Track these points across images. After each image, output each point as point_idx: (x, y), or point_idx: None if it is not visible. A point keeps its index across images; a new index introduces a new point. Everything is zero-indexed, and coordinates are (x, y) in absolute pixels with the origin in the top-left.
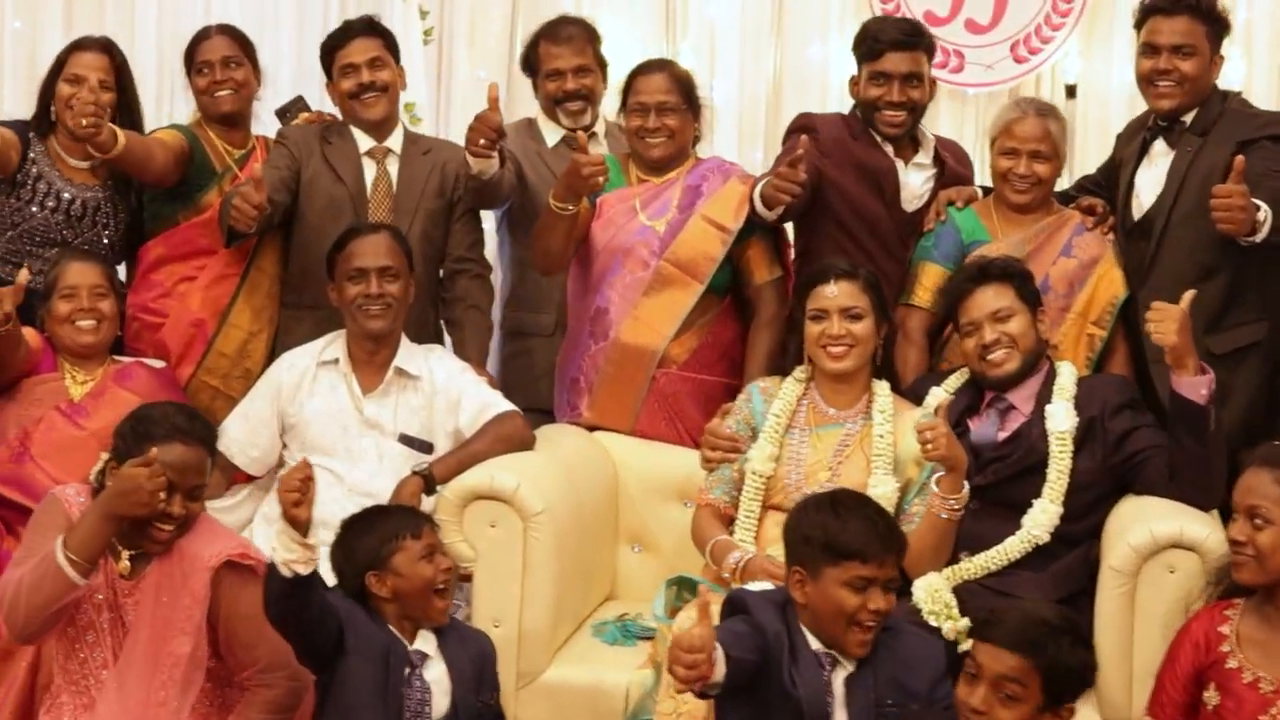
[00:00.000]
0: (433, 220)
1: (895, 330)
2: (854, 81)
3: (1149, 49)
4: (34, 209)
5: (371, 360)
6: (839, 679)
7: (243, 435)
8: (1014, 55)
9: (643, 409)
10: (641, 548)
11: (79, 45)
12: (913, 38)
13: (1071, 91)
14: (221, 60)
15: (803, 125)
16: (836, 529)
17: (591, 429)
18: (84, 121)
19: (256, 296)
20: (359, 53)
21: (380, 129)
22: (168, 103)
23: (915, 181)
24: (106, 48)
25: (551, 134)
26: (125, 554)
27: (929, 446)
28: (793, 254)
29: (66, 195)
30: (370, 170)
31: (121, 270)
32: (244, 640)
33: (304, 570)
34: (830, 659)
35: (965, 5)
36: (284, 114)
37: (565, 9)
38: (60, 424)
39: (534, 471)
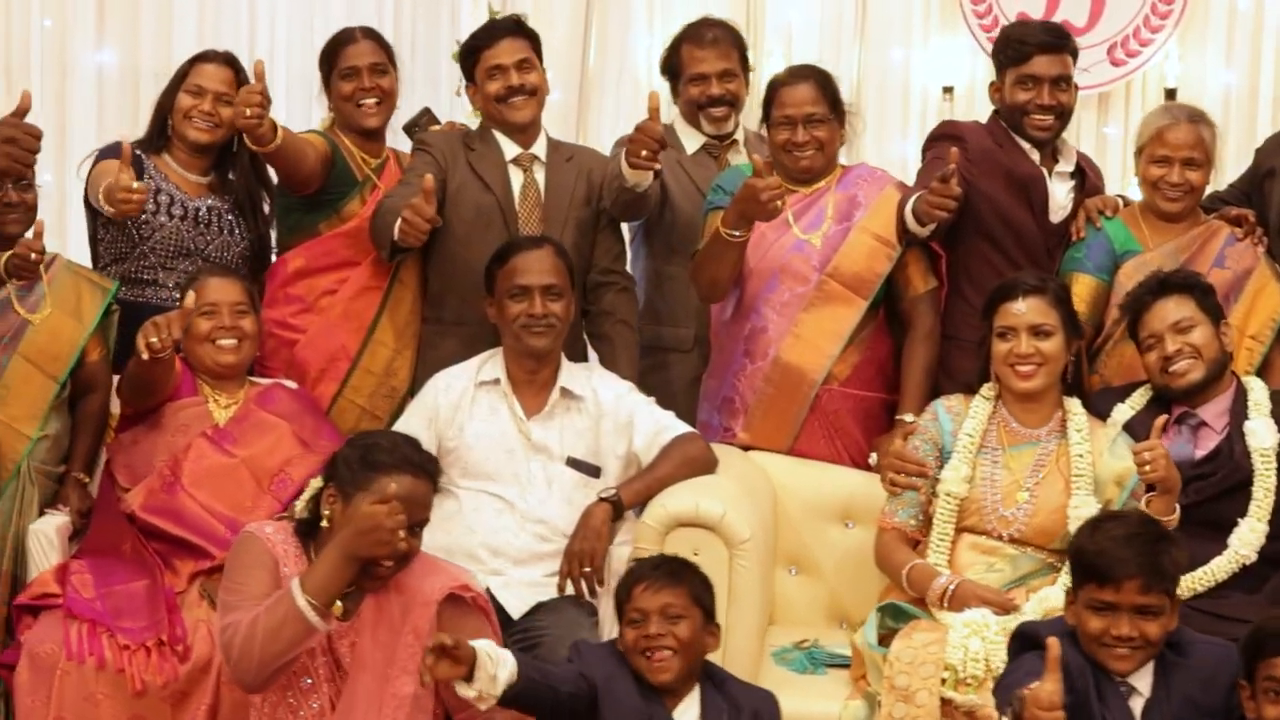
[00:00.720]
0: (581, 230)
1: None
2: (995, 88)
3: None
4: (162, 219)
5: (532, 380)
6: (1137, 707)
7: None
8: (1111, 58)
9: (803, 428)
10: (799, 570)
11: (202, 58)
12: (1060, 40)
13: (1172, 95)
14: (369, 67)
15: (948, 133)
16: (1089, 549)
17: (745, 449)
18: (247, 112)
19: (400, 312)
20: (507, 54)
21: (526, 134)
22: None
23: (1059, 192)
24: (229, 60)
25: (691, 140)
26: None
27: (1147, 468)
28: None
29: (191, 205)
30: (517, 178)
31: None
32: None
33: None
34: (1128, 688)
35: (1061, 6)
36: (412, 128)
37: (638, 11)
38: (209, 451)
39: (733, 497)
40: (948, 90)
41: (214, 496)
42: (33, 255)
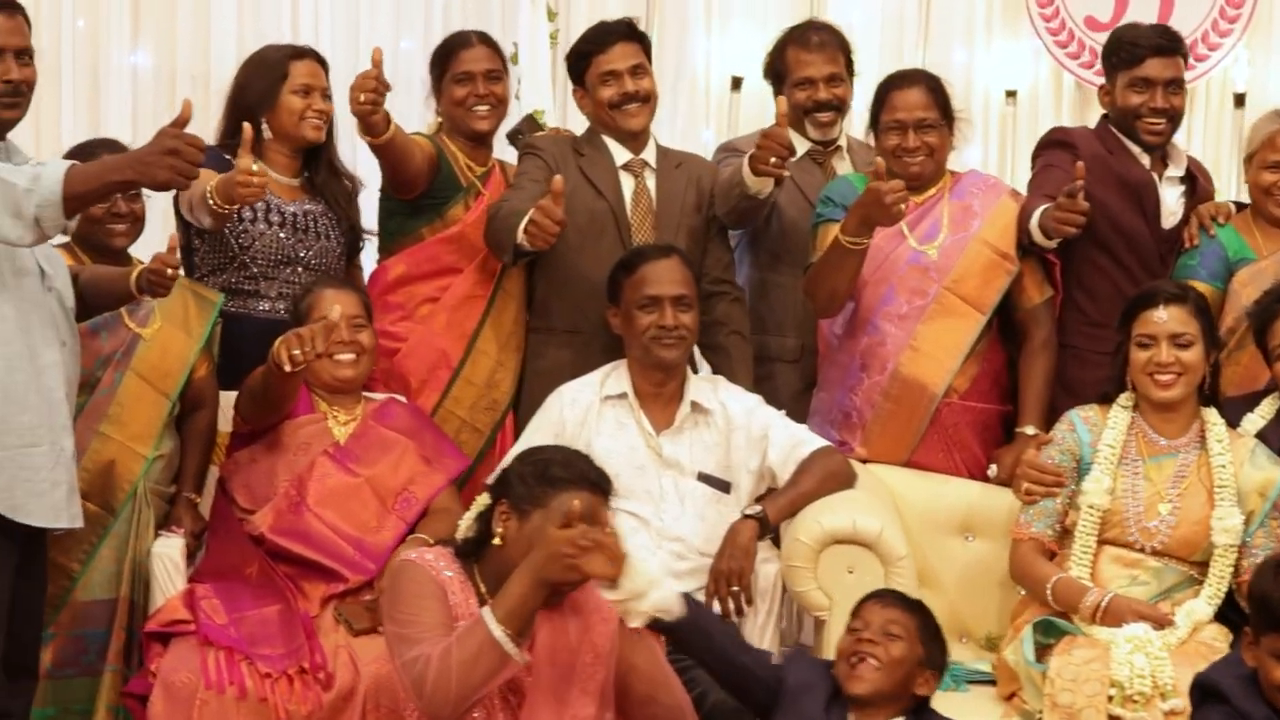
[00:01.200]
0: (694, 239)
1: None
2: (1105, 91)
3: None
4: (261, 227)
5: (659, 394)
6: None
7: None
8: None
9: (921, 442)
10: (920, 584)
11: (297, 55)
12: (1173, 43)
13: (1240, 100)
14: (485, 73)
15: (1060, 140)
16: (1275, 596)
17: (862, 462)
18: (361, 98)
19: (504, 321)
20: (621, 59)
21: (637, 140)
22: None
23: (1170, 197)
24: (318, 56)
25: (795, 146)
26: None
27: None
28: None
29: (288, 210)
30: (628, 184)
31: None
32: (639, 695)
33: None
34: None
35: (1130, 9)
36: (516, 137)
37: (696, 12)
38: (333, 470)
39: (884, 512)
40: (1011, 94)
41: (340, 517)
42: (169, 271)
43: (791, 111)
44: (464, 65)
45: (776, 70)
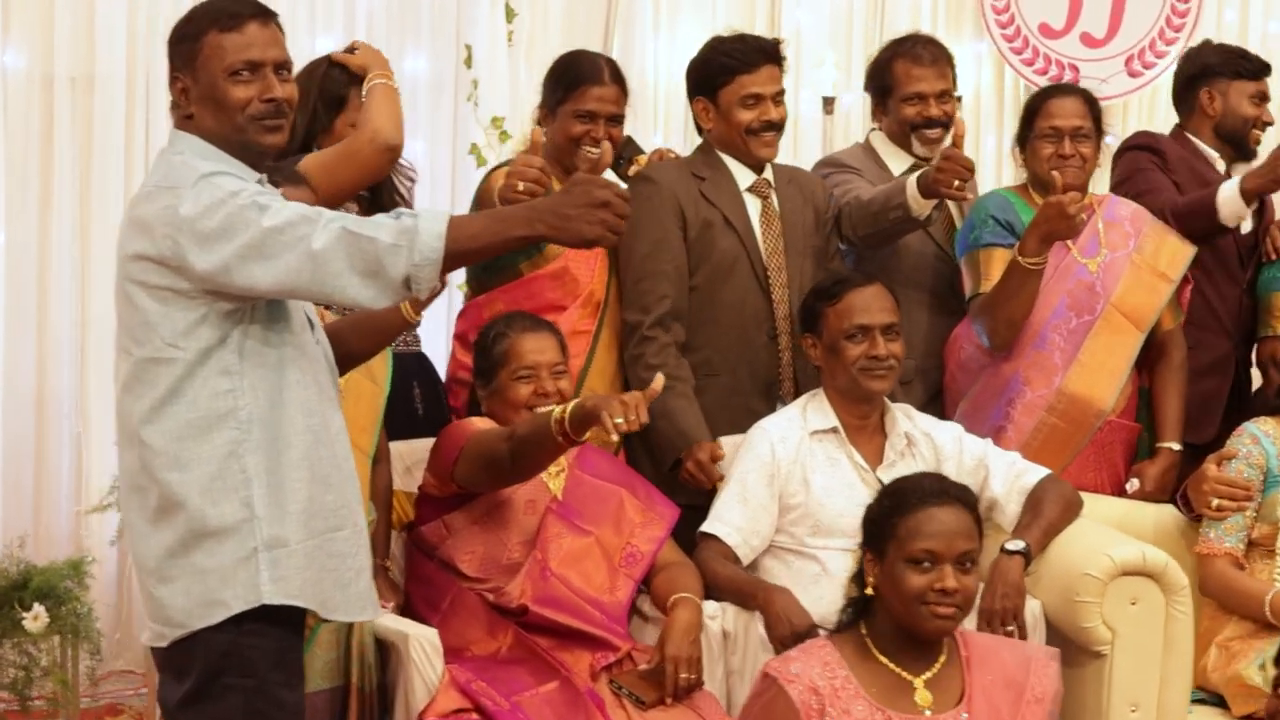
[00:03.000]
0: (818, 261)
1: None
2: (1209, 95)
3: None
4: None
5: (864, 425)
6: None
7: (745, 522)
8: (1128, 69)
9: (1075, 459)
10: None
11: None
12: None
13: None
14: (609, 117)
15: (1147, 144)
16: None
17: None
18: (520, 186)
19: (610, 359)
20: (769, 82)
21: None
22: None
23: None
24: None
25: (897, 162)
26: (919, 681)
27: None
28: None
29: None
30: (754, 207)
31: None
32: None
33: None
34: None
35: (1081, 18)
36: (616, 163)
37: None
38: (564, 530)
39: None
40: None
41: (581, 577)
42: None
43: (898, 126)
44: (589, 104)
45: (882, 84)
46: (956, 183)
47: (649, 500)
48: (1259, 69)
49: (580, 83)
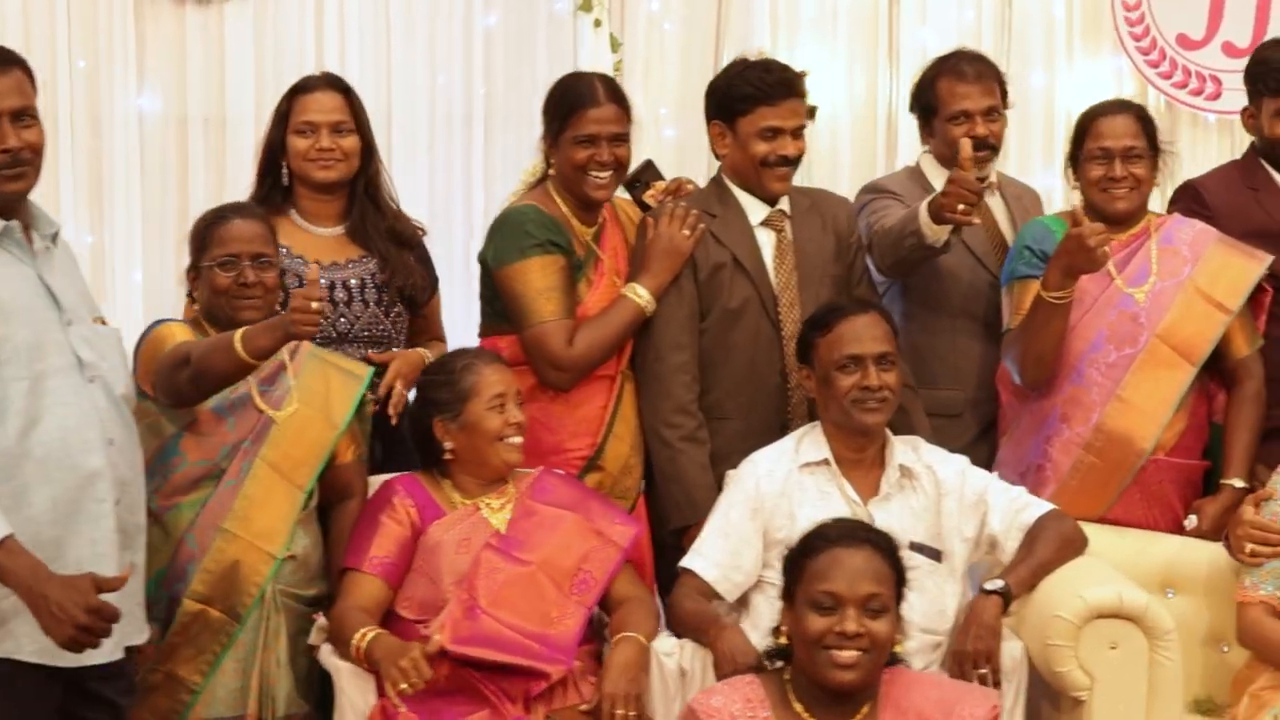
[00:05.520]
0: (837, 289)
1: None
2: (1249, 114)
3: None
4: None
5: (860, 459)
6: None
7: (725, 557)
8: None
9: (1120, 497)
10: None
11: (303, 87)
12: None
13: None
14: (611, 138)
15: (1187, 197)
16: None
17: None
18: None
19: (634, 403)
20: (791, 116)
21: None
22: None
23: None
24: (341, 86)
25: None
26: None
27: None
28: None
29: (323, 283)
30: (768, 241)
31: None
32: None
33: None
34: None
35: (1223, 26)
36: (633, 185)
37: (759, 41)
38: (499, 563)
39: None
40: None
41: (517, 614)
42: (314, 305)
43: (946, 148)
44: (589, 127)
45: (926, 103)
46: (962, 207)
47: (606, 523)
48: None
49: (576, 108)
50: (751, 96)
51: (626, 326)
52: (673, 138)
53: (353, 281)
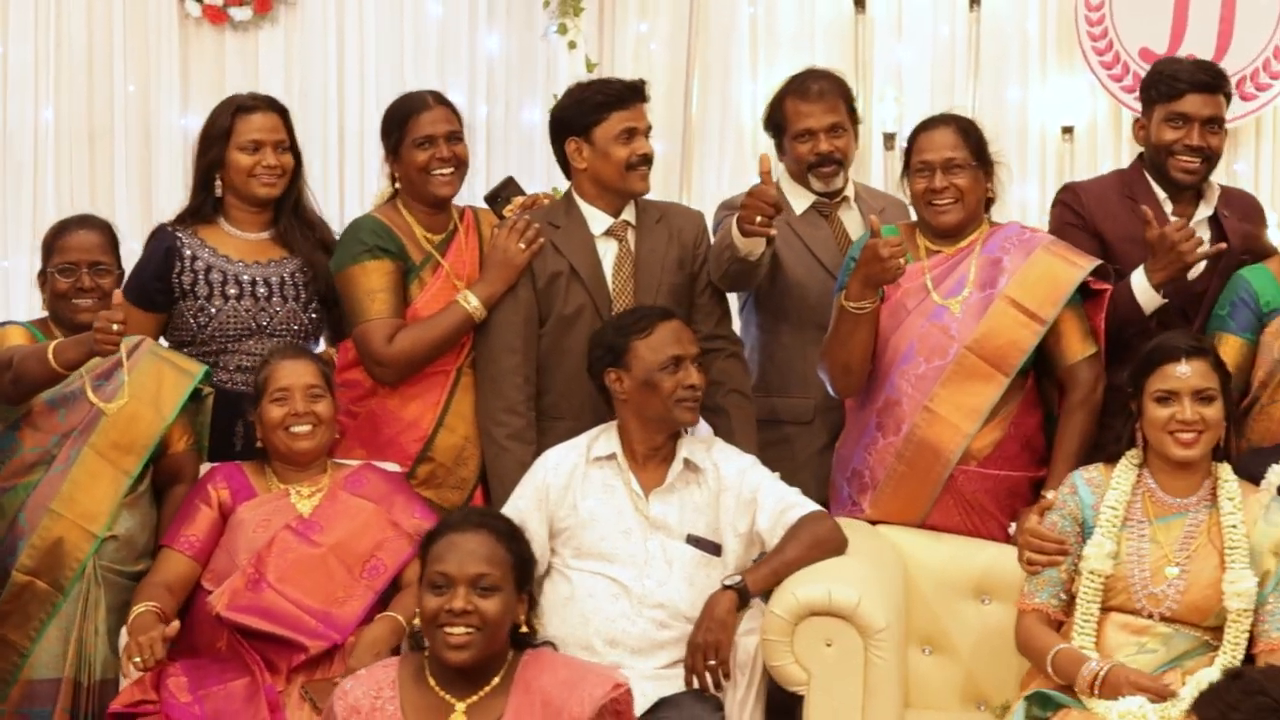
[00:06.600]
0: (676, 297)
1: None
2: (1140, 126)
3: None
4: (215, 304)
5: (654, 454)
6: None
7: None
8: (1240, 92)
9: (935, 506)
10: (933, 650)
11: (246, 107)
12: (1216, 80)
13: None
14: (446, 135)
15: (1066, 201)
16: None
17: (873, 523)
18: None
19: (470, 399)
20: (641, 119)
21: (620, 200)
22: None
23: None
24: (276, 105)
25: (799, 200)
26: (461, 706)
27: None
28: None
29: (245, 277)
30: (609, 251)
31: None
32: None
33: None
34: None
35: (1186, 40)
36: (494, 199)
37: (739, 59)
38: (293, 544)
39: (867, 582)
40: (1067, 130)
41: (303, 591)
42: (114, 327)
43: (795, 164)
44: (423, 129)
45: (776, 123)
46: (760, 219)
47: (405, 516)
48: (1175, 91)
49: (410, 115)
50: (604, 104)
51: (452, 329)
52: (661, 153)
53: (274, 279)
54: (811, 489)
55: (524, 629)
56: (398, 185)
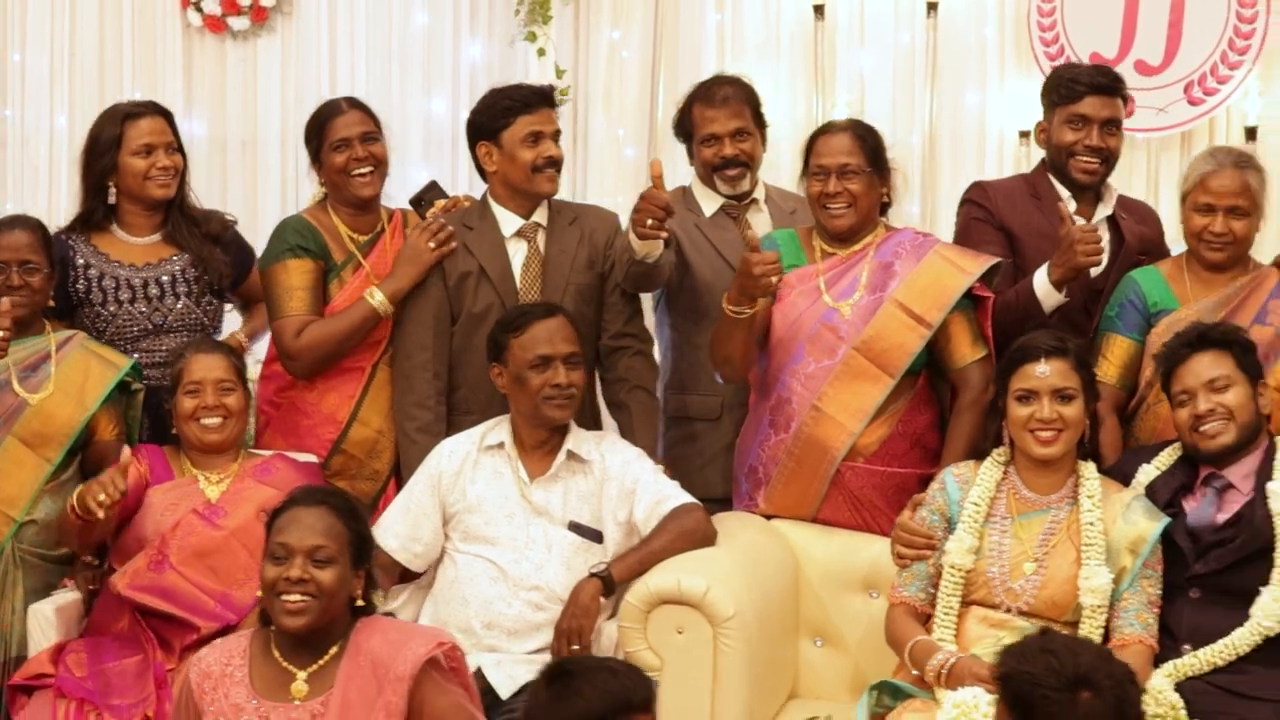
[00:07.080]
0: (584, 296)
1: None
2: (1041, 128)
3: None
4: (110, 309)
5: (541, 446)
6: None
7: (405, 529)
8: (1188, 97)
9: (825, 501)
10: (824, 641)
11: (135, 113)
12: (1113, 83)
13: (1252, 134)
14: (360, 136)
15: (972, 198)
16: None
17: (768, 517)
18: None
19: (385, 394)
20: (547, 123)
21: (531, 202)
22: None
23: None
24: (160, 109)
25: (709, 202)
26: (302, 675)
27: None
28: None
29: (136, 281)
30: (519, 250)
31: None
32: None
33: None
34: None
35: (1135, 45)
36: (419, 202)
37: (707, 65)
38: (198, 527)
39: (722, 572)
40: (1025, 134)
41: (204, 573)
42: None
43: (702, 168)
44: (339, 132)
45: (685, 128)
46: (650, 222)
47: None
48: (1074, 94)
49: (326, 121)
50: (511, 109)
51: (357, 324)
52: (632, 157)
53: (164, 278)
54: (718, 484)
55: (360, 603)
56: (324, 190)
